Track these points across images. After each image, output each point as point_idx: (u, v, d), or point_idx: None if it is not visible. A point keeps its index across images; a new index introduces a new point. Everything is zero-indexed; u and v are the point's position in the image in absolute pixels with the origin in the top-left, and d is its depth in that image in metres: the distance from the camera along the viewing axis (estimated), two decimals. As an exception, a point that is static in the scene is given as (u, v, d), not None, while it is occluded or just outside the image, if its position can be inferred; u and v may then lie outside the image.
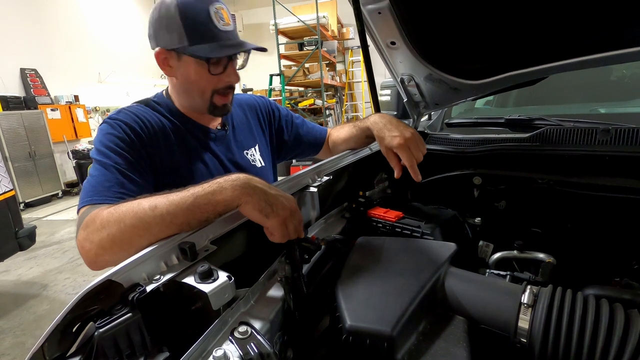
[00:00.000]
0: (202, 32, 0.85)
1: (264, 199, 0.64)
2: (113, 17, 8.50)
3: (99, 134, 0.87)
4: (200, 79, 0.91)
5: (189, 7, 0.84)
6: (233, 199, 0.63)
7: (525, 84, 1.05)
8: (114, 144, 0.83)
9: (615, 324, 0.53)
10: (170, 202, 0.63)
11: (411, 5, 0.93)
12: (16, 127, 5.75)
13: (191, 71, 0.90)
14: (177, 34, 0.85)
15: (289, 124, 1.26)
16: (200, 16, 0.85)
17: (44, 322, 2.69)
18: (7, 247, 2.81)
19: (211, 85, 0.92)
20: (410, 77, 1.17)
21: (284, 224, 0.64)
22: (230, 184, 0.65)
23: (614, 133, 0.94)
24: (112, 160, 0.80)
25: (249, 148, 1.11)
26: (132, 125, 0.88)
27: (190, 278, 0.56)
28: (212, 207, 0.64)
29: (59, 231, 4.77)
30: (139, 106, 0.96)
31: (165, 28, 0.86)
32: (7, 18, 6.09)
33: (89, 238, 0.66)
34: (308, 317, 0.66)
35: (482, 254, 1.05)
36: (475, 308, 0.64)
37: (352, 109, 10.54)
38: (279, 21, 6.68)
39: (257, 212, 0.63)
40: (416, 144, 0.94)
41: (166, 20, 0.85)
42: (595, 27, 0.85)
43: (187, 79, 0.92)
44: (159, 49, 0.89)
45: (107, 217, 0.66)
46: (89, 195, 0.75)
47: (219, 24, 0.86)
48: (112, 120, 0.88)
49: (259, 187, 0.65)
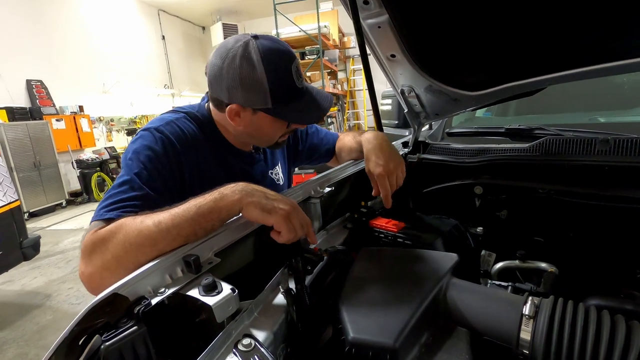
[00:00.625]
0: (286, 93, 0.84)
1: (264, 198, 0.67)
2: (117, 29, 8.64)
3: (139, 141, 0.84)
4: (275, 132, 0.92)
5: (274, 70, 0.81)
6: (234, 203, 0.66)
7: (524, 94, 1.06)
8: (149, 160, 0.81)
9: (617, 336, 0.53)
10: (173, 215, 0.64)
11: (410, 20, 0.95)
12: (22, 137, 5.82)
13: (266, 126, 0.89)
14: (262, 97, 0.82)
15: (303, 134, 1.27)
16: (285, 79, 0.83)
17: (47, 332, 2.69)
18: (11, 257, 2.83)
19: (281, 133, 0.94)
20: (410, 88, 1.18)
21: (288, 219, 0.66)
22: (230, 190, 0.68)
23: (613, 143, 0.95)
24: (141, 179, 0.78)
25: (274, 167, 1.15)
26: (174, 142, 0.85)
27: (194, 291, 0.57)
28: (216, 214, 0.66)
29: (62, 241, 4.79)
30: (186, 120, 0.93)
31: (248, 88, 0.82)
32: (14, 30, 6.21)
33: (91, 262, 0.66)
34: (311, 329, 0.66)
35: (484, 264, 1.05)
36: (477, 319, 0.64)
37: (354, 116, 10.60)
38: (280, 31, 6.77)
39: (259, 211, 0.66)
40: (396, 175, 0.95)
41: (250, 81, 0.81)
42: (593, 38, 0.87)
43: (258, 129, 0.90)
44: (235, 106, 0.85)
45: (110, 238, 0.65)
46: (105, 209, 0.73)
47: (298, 82, 0.86)
48: (158, 133, 0.85)
49: (258, 190, 0.69)
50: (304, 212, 0.72)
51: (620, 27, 0.82)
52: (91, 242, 0.67)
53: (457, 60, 1.05)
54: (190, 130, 0.91)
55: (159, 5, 9.86)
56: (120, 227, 0.66)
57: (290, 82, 0.84)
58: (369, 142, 1.02)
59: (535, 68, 0.97)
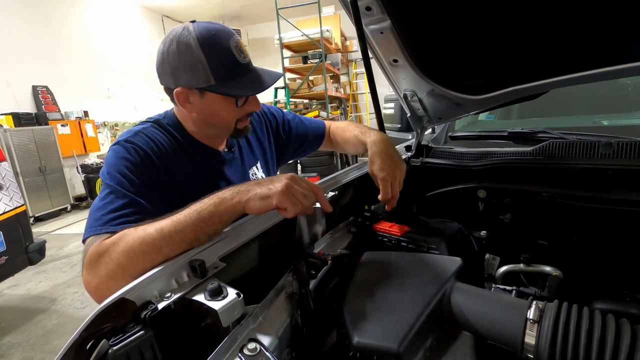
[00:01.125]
0: (228, 69, 0.85)
1: (257, 186, 0.68)
2: (122, 35, 8.72)
3: (112, 155, 0.85)
4: (227, 113, 0.92)
5: (212, 46, 0.83)
6: (234, 205, 0.67)
7: (527, 98, 1.07)
8: (127, 169, 0.82)
9: (622, 340, 0.53)
10: (175, 222, 0.65)
11: (412, 25, 0.95)
12: (27, 142, 5.86)
13: (217, 106, 0.90)
14: (203, 74, 0.83)
15: (286, 127, 1.27)
16: (225, 54, 0.85)
17: (52, 336, 2.70)
18: (17, 261, 2.84)
19: (236, 116, 0.94)
20: (413, 92, 1.19)
21: (288, 192, 0.66)
22: (229, 193, 0.69)
23: (617, 146, 0.95)
24: (123, 187, 0.79)
25: (251, 167, 1.13)
26: (147, 151, 0.86)
27: (200, 295, 0.58)
28: (218, 218, 0.67)
29: (67, 245, 4.81)
30: (153, 129, 0.94)
31: (188, 68, 0.84)
32: (21, 38, 6.28)
33: (98, 273, 0.66)
34: (315, 333, 0.66)
35: (488, 267, 1.05)
36: (482, 323, 0.64)
37: (357, 120, 10.61)
38: (283, 35, 6.81)
39: (259, 201, 0.66)
40: (399, 180, 0.97)
41: (189, 60, 0.83)
42: (594, 41, 0.87)
43: (211, 113, 0.91)
44: (181, 89, 0.86)
45: (114, 248, 0.66)
46: (95, 225, 0.74)
47: (240, 58, 0.87)
48: (128, 143, 0.86)
49: (251, 183, 0.70)
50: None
51: (622, 32, 0.82)
52: (96, 253, 0.68)
53: (459, 64, 1.06)
54: (158, 136, 0.92)
55: (162, 11, 9.96)
56: (123, 237, 0.67)
57: (230, 57, 0.85)
58: (375, 145, 1.03)
59: (537, 72, 0.98)
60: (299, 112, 7.77)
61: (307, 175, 6.26)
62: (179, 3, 9.32)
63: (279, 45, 6.85)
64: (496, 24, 0.90)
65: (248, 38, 10.88)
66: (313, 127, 1.31)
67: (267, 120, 1.23)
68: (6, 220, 2.72)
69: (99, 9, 8.09)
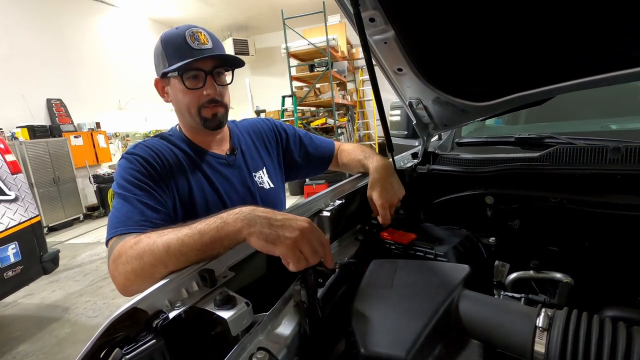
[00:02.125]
0: (178, 52, 0.95)
1: (267, 226, 0.62)
2: (132, 47, 8.92)
3: (118, 169, 0.94)
4: (184, 96, 0.99)
5: (169, 36, 0.97)
6: (236, 232, 0.64)
7: (532, 104, 1.07)
8: (132, 176, 0.90)
9: (634, 348, 0.52)
10: (180, 242, 0.66)
11: (416, 34, 0.97)
12: (42, 154, 6.01)
13: (177, 91, 1.00)
14: (162, 60, 0.97)
15: (297, 144, 1.30)
16: (177, 40, 0.96)
17: (65, 345, 2.73)
18: (32, 271, 2.90)
19: (194, 101, 0.99)
20: (418, 100, 1.20)
21: (295, 247, 0.61)
22: (232, 217, 0.65)
23: (625, 151, 0.94)
24: (132, 193, 0.86)
25: (257, 171, 1.16)
26: (148, 158, 0.94)
27: (210, 304, 0.59)
28: (219, 243, 0.65)
29: (80, 254, 4.89)
30: (153, 140, 1.03)
31: (156, 60, 1.00)
32: (35, 52, 6.48)
33: (117, 269, 0.72)
34: (324, 342, 0.67)
35: (498, 274, 1.04)
36: (490, 331, 0.64)
37: (364, 126, 10.62)
38: (290, 45, 6.89)
39: (262, 242, 0.61)
40: (395, 206, 1.04)
41: (156, 54, 1.00)
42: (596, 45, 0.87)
43: (176, 99, 1.02)
44: (156, 79, 1.04)
45: (130, 252, 0.70)
46: (115, 227, 0.81)
47: (194, 44, 0.95)
48: (129, 155, 0.95)
49: (261, 216, 0.64)
50: (319, 230, 0.67)
51: (623, 33, 0.81)
52: (117, 252, 0.74)
53: (464, 72, 1.06)
54: (157, 145, 1.01)
55: (171, 24, 10.17)
56: (138, 242, 0.71)
57: (181, 43, 0.95)
58: (376, 172, 1.09)
59: (542, 78, 0.98)
60: (307, 120, 7.83)
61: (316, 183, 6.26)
62: (186, 16, 9.52)
63: (285, 54, 6.93)
64: (498, 31, 0.91)
65: (255, 48, 11.02)
66: (323, 147, 1.34)
67: (278, 132, 1.29)
68: (22, 231, 2.79)
69: (110, 23, 8.32)
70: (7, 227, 2.67)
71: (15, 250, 2.72)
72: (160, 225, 0.82)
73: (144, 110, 9.00)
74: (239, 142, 1.16)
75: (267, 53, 11.06)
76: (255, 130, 1.25)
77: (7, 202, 2.73)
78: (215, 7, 9.03)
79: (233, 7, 9.13)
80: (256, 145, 1.21)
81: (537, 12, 0.82)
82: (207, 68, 0.97)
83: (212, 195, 1.02)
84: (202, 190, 1.01)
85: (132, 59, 8.88)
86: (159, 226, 0.81)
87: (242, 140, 1.18)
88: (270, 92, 9.06)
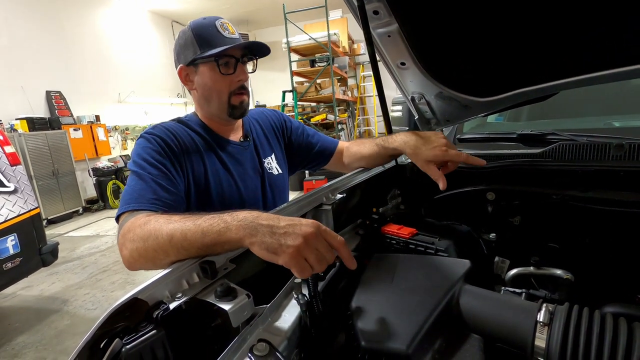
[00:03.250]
0: (209, 40, 0.98)
1: (269, 235, 0.59)
2: (132, 40, 8.88)
3: (136, 147, 0.97)
4: (215, 82, 1.01)
5: (199, 25, 1.00)
6: (237, 240, 0.62)
7: (535, 100, 1.06)
8: (150, 156, 0.92)
9: (635, 344, 0.52)
10: (183, 237, 0.65)
11: (419, 28, 0.96)
12: (41, 146, 6.00)
13: (207, 78, 1.01)
14: (192, 49, 0.99)
15: (300, 134, 1.33)
16: (208, 29, 0.99)
17: (65, 337, 2.75)
18: (31, 263, 2.91)
19: (226, 87, 1.02)
20: (420, 95, 1.19)
21: (299, 256, 0.57)
22: (235, 224, 0.62)
23: (628, 148, 0.93)
24: (147, 171, 0.89)
25: (266, 157, 1.20)
26: (166, 139, 0.97)
27: (210, 296, 0.59)
28: (220, 246, 0.64)
29: (79, 247, 4.90)
30: (172, 122, 1.07)
31: (183, 48, 1.02)
32: (35, 44, 6.45)
33: (125, 245, 0.74)
34: (324, 334, 0.67)
35: (498, 270, 1.04)
36: (491, 326, 0.64)
37: (365, 122, 10.61)
38: (291, 39, 6.86)
39: (264, 252, 0.59)
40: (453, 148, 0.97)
41: (183, 41, 1.01)
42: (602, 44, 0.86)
43: (204, 86, 1.03)
44: (180, 67, 1.04)
45: (138, 231, 0.72)
46: (127, 203, 0.83)
47: (225, 33, 0.99)
48: (148, 134, 0.98)
49: (263, 224, 0.60)
50: (331, 232, 0.63)
51: (623, 29, 0.81)
52: (127, 228, 0.75)
53: (467, 67, 1.06)
54: (176, 127, 1.04)
55: (172, 17, 10.11)
56: (147, 222, 0.72)
57: (213, 32, 0.98)
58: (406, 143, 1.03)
59: (545, 74, 0.97)
60: (307, 115, 7.81)
61: (315, 179, 6.25)
62: (187, 8, 9.46)
63: (286, 49, 6.90)
64: (502, 27, 0.90)
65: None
66: (326, 140, 1.35)
67: (284, 122, 1.33)
68: (21, 223, 2.79)
69: (110, 15, 8.26)
70: (6, 218, 2.67)
71: (14, 242, 2.72)
72: (171, 206, 0.85)
73: (144, 104, 8.98)
74: (250, 129, 1.21)
75: (268, 47, 11.01)
76: (263, 119, 1.29)
77: (6, 194, 2.73)
78: (216, 0, 8.97)
79: (234, 0, 9.08)
80: (265, 132, 1.25)
81: (539, 8, 0.82)
82: (238, 55, 1.01)
83: (227, 179, 1.06)
84: (216, 173, 1.04)
85: (132, 52, 8.84)
86: (170, 207, 0.85)
87: (252, 128, 1.23)
88: (271, 87, 9.04)
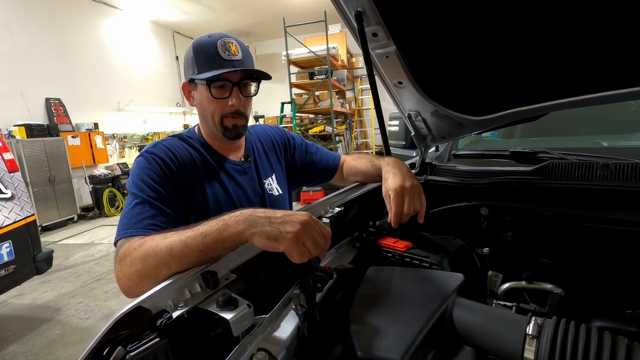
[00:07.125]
0: (208, 61, 0.97)
1: (268, 224, 0.64)
2: (133, 49, 8.97)
3: (136, 166, 0.95)
4: (209, 104, 1.00)
5: (201, 44, 0.99)
6: (238, 234, 0.65)
7: (527, 119, 1.10)
8: (149, 177, 0.91)
9: (618, 356, 0.55)
10: (183, 244, 0.67)
11: (416, 50, 1.00)
12: (38, 153, 6.00)
13: (203, 98, 1.01)
14: (192, 66, 0.99)
15: (303, 152, 1.32)
16: (209, 49, 0.97)
17: (56, 346, 2.70)
18: (25, 270, 2.87)
19: (219, 110, 1.01)
20: (417, 112, 1.23)
21: (298, 240, 0.62)
22: (234, 219, 0.66)
23: (614, 168, 0.97)
24: (146, 194, 0.88)
25: (267, 178, 1.18)
26: (166, 159, 0.96)
27: (212, 305, 0.60)
28: (221, 244, 0.66)
29: (73, 255, 4.85)
30: (173, 140, 1.05)
31: (186, 64, 1.03)
32: (36, 52, 6.50)
33: (122, 271, 0.73)
34: (322, 344, 0.68)
35: (491, 284, 1.06)
36: (483, 338, 0.66)
37: (362, 135, 10.70)
38: (290, 52, 6.96)
39: (265, 240, 0.63)
40: (412, 195, 0.93)
41: (187, 58, 1.02)
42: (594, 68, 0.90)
43: (200, 104, 1.03)
44: (184, 83, 1.05)
45: (135, 254, 0.71)
46: (125, 228, 0.82)
47: (224, 54, 0.97)
48: (148, 154, 0.96)
49: (261, 216, 0.65)
50: (321, 222, 0.69)
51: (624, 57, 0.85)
52: (122, 253, 0.74)
53: (462, 87, 1.10)
54: (176, 146, 1.03)
55: (173, 27, 10.25)
56: (143, 244, 0.72)
57: (213, 52, 0.96)
58: (388, 165, 1.05)
59: (537, 95, 1.01)
60: (305, 127, 7.87)
61: (312, 190, 6.28)
62: (189, 20, 9.60)
63: (286, 61, 7.00)
64: (496, 50, 0.94)
65: (256, 54, 11.12)
66: (329, 157, 1.34)
67: (287, 140, 1.31)
68: (16, 230, 2.77)
69: (112, 25, 8.36)
70: (2, 225, 2.66)
71: (9, 249, 2.70)
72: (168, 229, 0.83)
73: (143, 112, 9.01)
74: (252, 148, 1.19)
75: (267, 60, 11.16)
76: (266, 137, 1.27)
77: (3, 201, 2.72)
78: (218, 12, 9.12)
79: (236, 13, 9.23)
80: (266, 152, 1.23)
81: (533, 32, 0.86)
82: (235, 79, 0.99)
83: (226, 201, 1.04)
84: (215, 195, 1.03)
85: (133, 61, 8.92)
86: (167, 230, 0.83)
87: (255, 148, 1.21)
88: (270, 98, 9.12)
